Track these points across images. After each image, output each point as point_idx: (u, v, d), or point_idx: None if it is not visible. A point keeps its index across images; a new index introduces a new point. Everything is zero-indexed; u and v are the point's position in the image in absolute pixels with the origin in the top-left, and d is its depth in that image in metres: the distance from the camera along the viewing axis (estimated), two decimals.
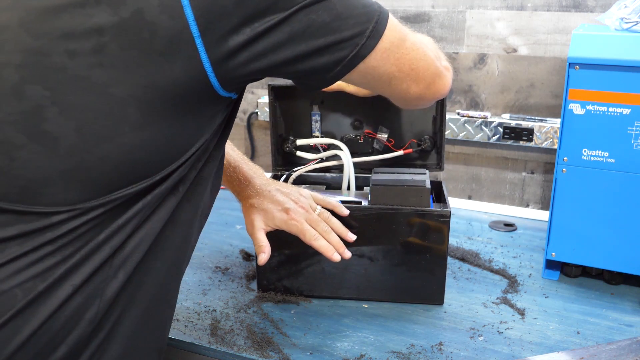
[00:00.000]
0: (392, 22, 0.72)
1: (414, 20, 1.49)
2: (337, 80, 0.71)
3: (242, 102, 1.77)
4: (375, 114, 1.18)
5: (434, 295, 1.03)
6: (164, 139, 0.63)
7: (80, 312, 0.62)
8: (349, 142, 1.17)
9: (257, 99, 1.72)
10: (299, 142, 1.18)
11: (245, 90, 1.90)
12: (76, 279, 0.61)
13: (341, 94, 1.11)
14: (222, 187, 0.82)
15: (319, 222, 0.95)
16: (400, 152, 1.15)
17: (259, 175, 1.01)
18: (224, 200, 1.54)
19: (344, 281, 1.03)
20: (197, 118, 0.65)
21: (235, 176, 1.00)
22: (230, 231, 1.34)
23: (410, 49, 0.75)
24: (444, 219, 0.98)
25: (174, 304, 0.78)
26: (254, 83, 1.73)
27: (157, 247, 0.67)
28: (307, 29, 0.65)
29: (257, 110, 1.73)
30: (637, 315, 1.00)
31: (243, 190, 0.99)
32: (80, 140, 0.59)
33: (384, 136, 1.17)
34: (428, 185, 1.00)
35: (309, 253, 1.02)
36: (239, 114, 1.78)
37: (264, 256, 0.94)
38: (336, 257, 0.93)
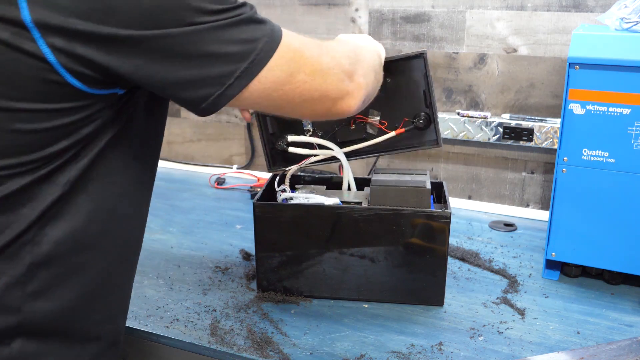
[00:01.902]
0: (283, 57, 0.68)
1: (414, 20, 1.49)
2: (214, 112, 0.67)
3: None
4: None
5: (434, 296, 1.03)
6: (21, 134, 0.61)
7: None
8: (341, 131, 1.13)
9: None
10: (290, 138, 1.12)
11: None
12: None
13: None
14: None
15: None
16: (393, 134, 1.10)
17: None
18: (224, 200, 1.54)
19: (344, 282, 1.03)
20: (58, 113, 0.62)
21: None
22: (230, 231, 1.34)
23: (302, 81, 0.71)
24: (445, 220, 0.98)
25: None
26: None
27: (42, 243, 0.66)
28: (166, 57, 0.61)
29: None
30: (637, 315, 1.00)
31: None
32: None
33: (375, 119, 1.12)
34: (428, 186, 1.00)
35: (310, 254, 1.02)
36: (240, 113, 1.78)
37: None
38: None
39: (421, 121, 1.09)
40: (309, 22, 1.60)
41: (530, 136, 1.41)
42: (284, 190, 1.07)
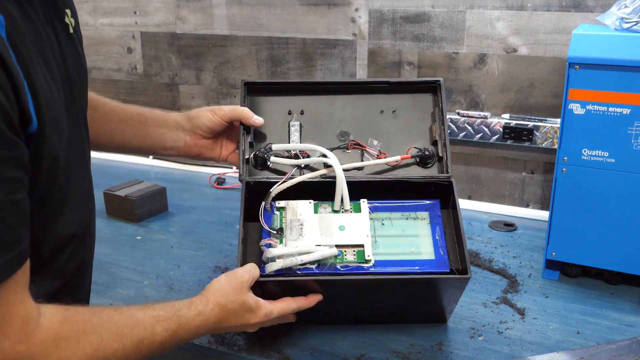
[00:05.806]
0: None
1: (414, 20, 1.49)
2: None
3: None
4: (365, 124, 1.01)
5: (436, 316, 0.96)
6: None
7: None
8: (334, 155, 0.96)
9: None
10: (275, 147, 0.98)
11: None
12: None
13: (323, 102, 1.01)
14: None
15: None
16: (397, 158, 0.97)
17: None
18: (224, 200, 1.55)
19: (340, 307, 0.95)
20: None
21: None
22: (230, 231, 1.34)
23: None
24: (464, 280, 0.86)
25: None
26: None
27: None
28: None
29: None
30: (637, 315, 1.00)
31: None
32: None
33: (375, 149, 0.99)
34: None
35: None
36: None
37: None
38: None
39: (429, 150, 0.99)
40: (309, 22, 1.60)
41: (530, 136, 1.41)
42: (269, 245, 0.88)
